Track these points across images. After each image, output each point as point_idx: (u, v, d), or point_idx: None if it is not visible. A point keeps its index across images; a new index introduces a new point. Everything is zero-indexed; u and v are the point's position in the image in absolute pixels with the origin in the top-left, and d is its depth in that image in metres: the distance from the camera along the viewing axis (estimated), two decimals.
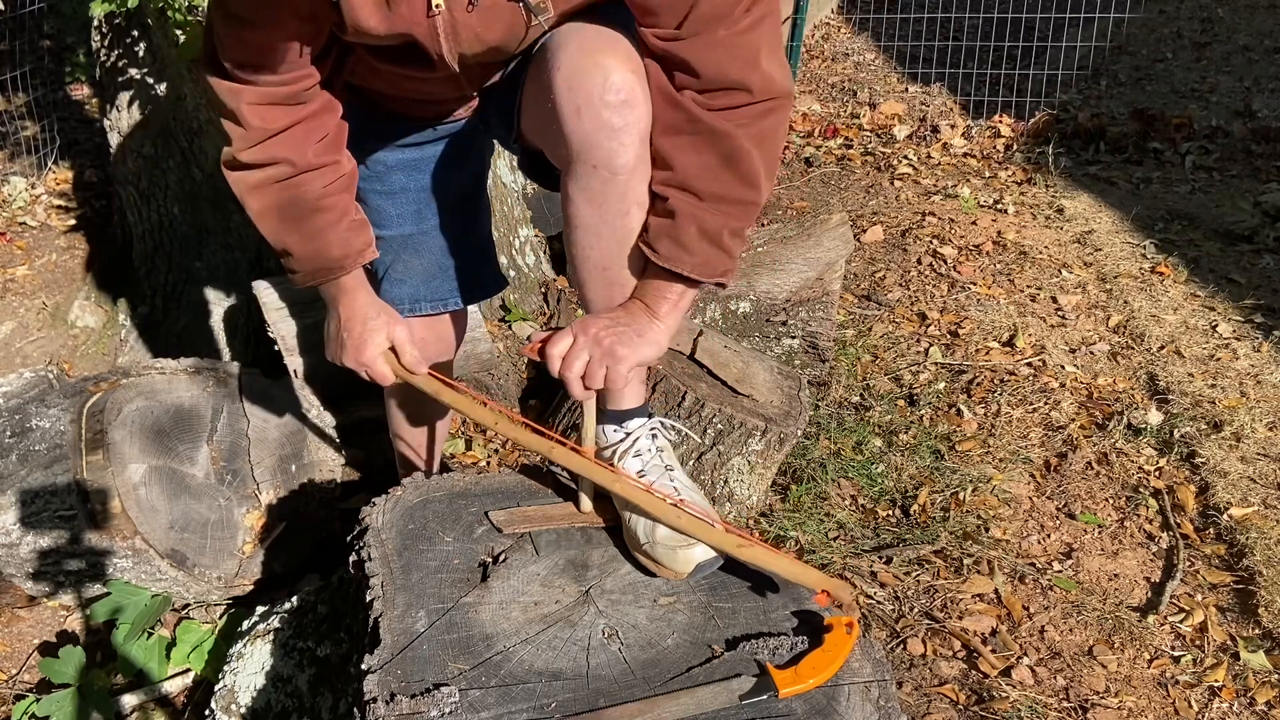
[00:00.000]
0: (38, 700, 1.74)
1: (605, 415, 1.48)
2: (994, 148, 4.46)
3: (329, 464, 2.14)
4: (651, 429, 1.49)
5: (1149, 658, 1.92)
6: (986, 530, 2.22)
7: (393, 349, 1.53)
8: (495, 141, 1.71)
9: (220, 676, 1.61)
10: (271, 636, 1.61)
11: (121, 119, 2.68)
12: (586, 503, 1.49)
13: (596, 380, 1.33)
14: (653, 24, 1.26)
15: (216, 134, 2.58)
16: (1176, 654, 1.92)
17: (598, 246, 1.36)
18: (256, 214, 1.45)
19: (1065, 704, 1.81)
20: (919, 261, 3.44)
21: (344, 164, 1.46)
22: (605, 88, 1.24)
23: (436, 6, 1.23)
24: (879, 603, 2.03)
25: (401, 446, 1.94)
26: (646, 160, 1.30)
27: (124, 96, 2.64)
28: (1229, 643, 1.94)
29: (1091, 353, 2.92)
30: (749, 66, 1.25)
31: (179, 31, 2.26)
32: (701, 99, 1.26)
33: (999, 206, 3.85)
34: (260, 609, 1.71)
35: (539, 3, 1.25)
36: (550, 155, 1.42)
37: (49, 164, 3.88)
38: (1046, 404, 2.67)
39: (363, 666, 1.19)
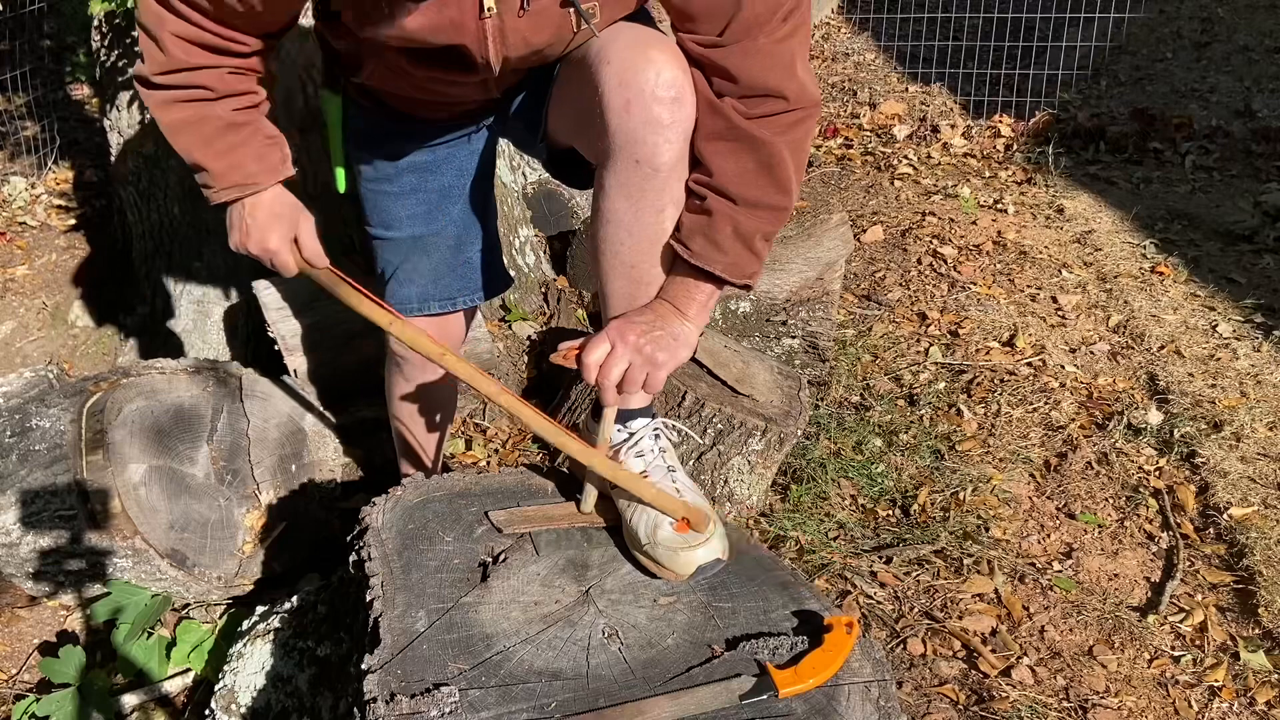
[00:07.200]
0: (38, 700, 1.74)
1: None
2: (994, 148, 4.46)
3: (329, 464, 2.14)
4: (655, 429, 1.49)
5: (1149, 658, 1.92)
6: (986, 530, 2.22)
7: (296, 241, 1.54)
8: (503, 141, 1.71)
9: (220, 676, 1.61)
10: (271, 636, 1.61)
11: (121, 119, 2.68)
12: (588, 503, 1.49)
13: (636, 386, 1.33)
14: (692, 30, 1.27)
15: None
16: (1176, 654, 1.92)
17: (628, 243, 1.37)
18: (169, 128, 1.45)
19: (1065, 704, 1.81)
20: (919, 261, 3.44)
21: (260, 92, 1.48)
22: (657, 83, 1.25)
23: (489, 10, 1.23)
24: (879, 603, 2.03)
25: (403, 445, 1.94)
26: (685, 160, 1.31)
27: (124, 96, 2.63)
28: (1229, 643, 1.94)
29: (1091, 353, 2.92)
30: (786, 74, 1.26)
31: None
32: (741, 106, 1.27)
33: (999, 206, 3.85)
34: (260, 609, 1.71)
35: (589, 8, 1.26)
36: (585, 151, 1.42)
37: (49, 164, 3.88)
38: (1046, 404, 2.67)
39: (363, 666, 1.19)
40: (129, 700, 1.78)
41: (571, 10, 1.26)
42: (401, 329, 1.47)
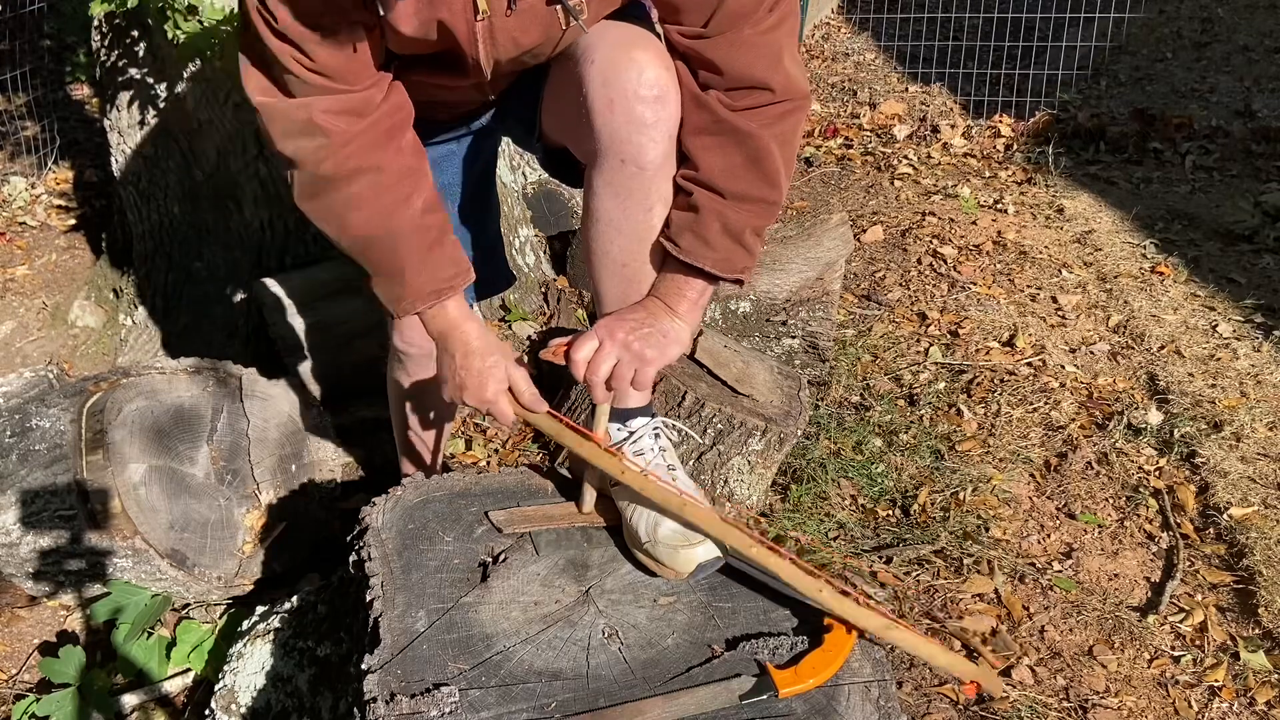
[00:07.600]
0: (38, 700, 1.74)
1: (609, 414, 1.48)
2: (994, 148, 4.46)
3: (329, 464, 2.14)
4: (654, 429, 1.49)
5: (1149, 658, 1.92)
6: (986, 530, 2.22)
7: (509, 388, 1.45)
8: (504, 139, 1.71)
9: (220, 676, 1.62)
10: (271, 636, 1.61)
11: (121, 119, 2.68)
12: (588, 503, 1.49)
13: (624, 383, 1.33)
14: (678, 22, 1.27)
15: (216, 134, 2.58)
16: (1176, 654, 1.92)
17: (618, 242, 1.37)
18: (359, 242, 1.38)
19: (1065, 704, 1.81)
20: (919, 261, 3.43)
21: (427, 171, 1.40)
22: (640, 82, 1.25)
23: (483, 13, 1.23)
24: (879, 603, 2.03)
25: (403, 445, 1.94)
26: (673, 158, 1.31)
27: (124, 96, 2.63)
28: (1229, 643, 1.94)
29: (1091, 353, 2.92)
30: (772, 66, 1.26)
31: (179, 32, 2.26)
32: (726, 99, 1.27)
33: (999, 206, 3.85)
34: (260, 609, 1.71)
35: (577, 4, 1.26)
36: (576, 150, 1.42)
37: (49, 164, 3.89)
38: (1046, 404, 2.67)
39: (363, 666, 1.19)
40: (129, 700, 1.78)
41: (558, 7, 1.26)
42: (633, 476, 1.38)
